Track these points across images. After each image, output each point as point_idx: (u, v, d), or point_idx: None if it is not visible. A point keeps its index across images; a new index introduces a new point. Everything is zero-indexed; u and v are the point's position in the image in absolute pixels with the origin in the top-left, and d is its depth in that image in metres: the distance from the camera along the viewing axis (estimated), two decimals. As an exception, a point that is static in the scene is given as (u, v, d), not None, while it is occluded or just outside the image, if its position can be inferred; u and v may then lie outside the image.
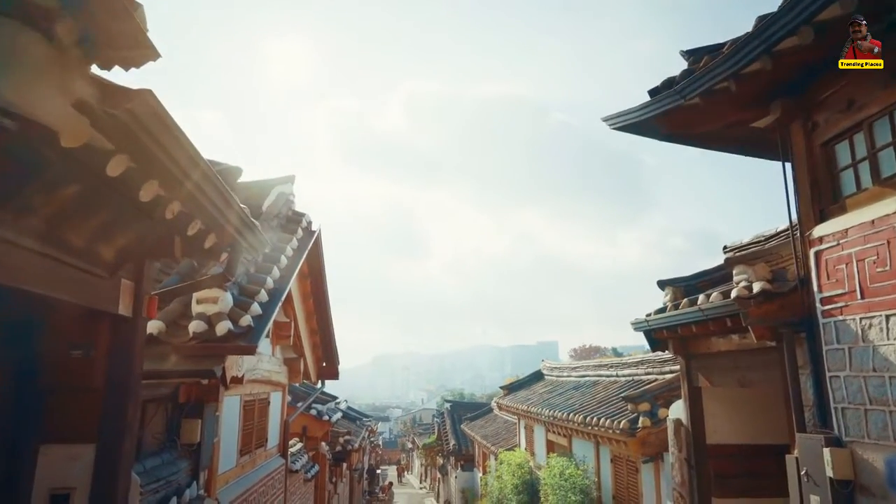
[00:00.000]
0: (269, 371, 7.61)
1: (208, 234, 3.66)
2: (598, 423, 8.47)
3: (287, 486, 8.92)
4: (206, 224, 3.46)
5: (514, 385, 17.43)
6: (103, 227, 3.12)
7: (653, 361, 10.17)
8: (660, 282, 6.55)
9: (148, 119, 2.36)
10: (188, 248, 3.80)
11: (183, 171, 2.80)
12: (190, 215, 3.28)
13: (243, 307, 5.19)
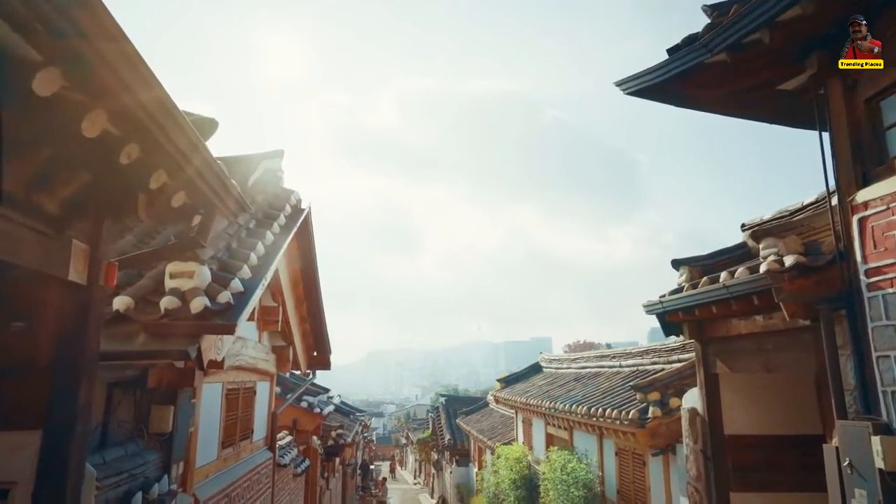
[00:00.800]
0: (254, 358, 7.13)
1: (176, 191, 3.18)
2: (604, 415, 8.04)
3: (275, 480, 8.45)
4: (172, 177, 2.98)
5: (511, 378, 17.00)
6: (41, 170, 2.63)
7: (659, 351, 9.74)
8: (674, 261, 6.10)
9: (85, 18, 1.88)
10: (153, 206, 3.31)
11: (137, 99, 2.32)
12: (151, 162, 2.80)
13: (222, 283, 4.70)
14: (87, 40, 1.95)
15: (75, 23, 1.87)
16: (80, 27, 1.89)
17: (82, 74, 2.08)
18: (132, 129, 2.51)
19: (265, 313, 7.83)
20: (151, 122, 2.44)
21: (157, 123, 2.47)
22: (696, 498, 5.90)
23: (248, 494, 6.94)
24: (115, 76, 2.13)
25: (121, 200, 3.20)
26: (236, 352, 6.29)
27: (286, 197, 7.13)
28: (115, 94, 2.22)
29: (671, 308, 5.80)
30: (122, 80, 2.16)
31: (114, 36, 2.02)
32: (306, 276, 8.55)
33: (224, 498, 5.98)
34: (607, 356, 12.11)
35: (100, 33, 1.96)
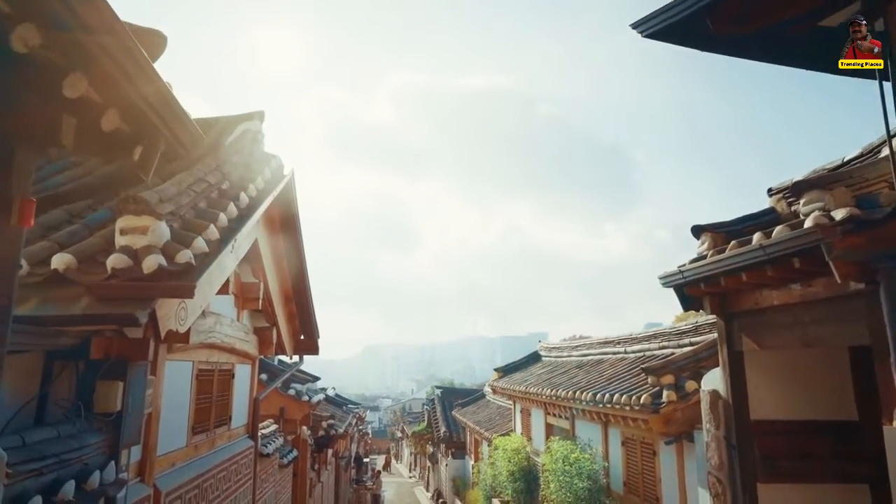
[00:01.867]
0: (231, 337, 6.51)
1: (106, 109, 2.55)
2: (611, 401, 7.45)
3: (257, 471, 7.84)
4: (98, 89, 2.35)
5: (509, 367, 16.42)
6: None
7: (667, 334, 9.16)
8: (695, 227, 5.49)
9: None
10: (79, 131, 2.68)
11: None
12: (62, 58, 2.17)
13: (183, 242, 4.07)
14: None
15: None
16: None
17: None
18: (36, 11, 1.88)
19: (245, 290, 7.21)
20: (70, 14, 1.81)
21: (75, 16, 1.83)
22: (718, 489, 5.32)
23: (224, 485, 6.33)
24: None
25: (39, 122, 2.57)
26: (208, 328, 5.67)
27: (265, 160, 6.49)
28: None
29: (693, 278, 5.19)
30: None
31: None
32: (290, 252, 7.92)
33: (194, 489, 5.37)
34: (611, 342, 11.53)
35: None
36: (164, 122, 2.77)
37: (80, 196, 3.76)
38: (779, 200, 5.56)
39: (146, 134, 2.86)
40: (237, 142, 6.46)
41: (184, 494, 5.06)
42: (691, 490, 6.50)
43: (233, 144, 6.34)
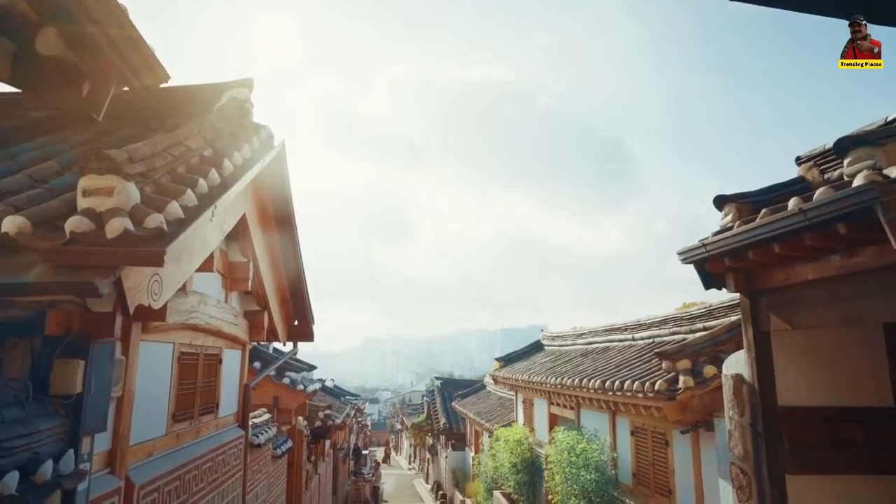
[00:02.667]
0: (218, 320, 6.09)
1: (40, 27, 2.11)
2: (622, 388, 7.04)
3: (248, 462, 7.44)
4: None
5: (511, 356, 16.02)
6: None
7: (679, 319, 8.74)
8: (718, 197, 5.04)
9: None
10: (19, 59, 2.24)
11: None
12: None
13: (155, 206, 3.63)
14: None
15: None
16: None
17: None
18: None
19: (233, 270, 6.78)
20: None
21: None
22: (741, 481, 4.91)
23: (210, 477, 5.93)
24: None
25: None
26: (191, 307, 5.25)
27: (254, 130, 6.04)
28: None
29: (717, 252, 4.75)
30: None
31: None
32: (283, 231, 7.48)
33: (175, 481, 4.96)
34: (617, 329, 11.11)
35: None
36: (118, 51, 2.33)
37: (22, 137, 3.31)
38: (809, 168, 5.12)
39: (95, 65, 2.42)
40: (223, 109, 6.01)
41: (162, 487, 4.65)
42: (709, 482, 6.10)
43: (218, 111, 5.90)
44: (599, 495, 8.10)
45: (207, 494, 5.84)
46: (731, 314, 7.16)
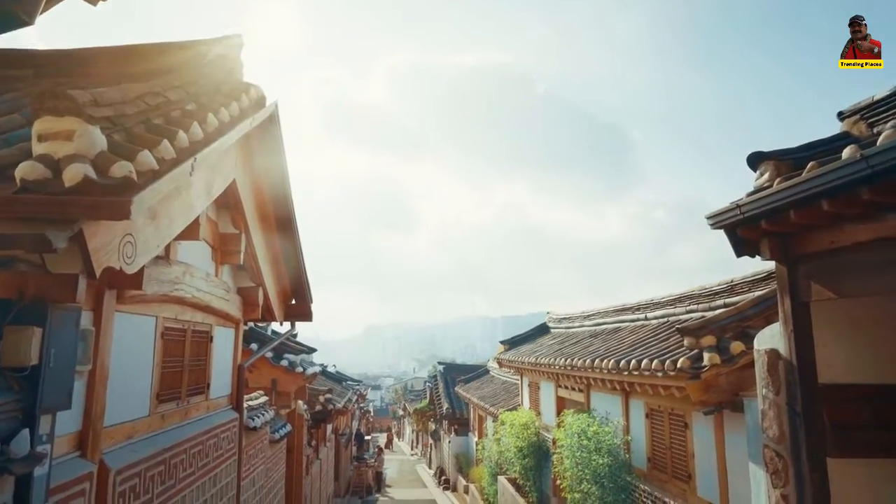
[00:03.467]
0: (207, 294, 5.66)
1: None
2: (638, 367, 6.63)
3: (243, 446, 7.05)
4: None
5: (516, 339, 15.63)
6: None
7: (697, 296, 8.30)
8: (753, 154, 4.57)
9: None
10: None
11: None
12: None
13: (124, 155, 3.18)
14: None
15: None
16: None
17: None
18: None
19: (224, 242, 6.35)
20: None
21: None
22: (777, 465, 4.50)
23: (200, 461, 5.54)
24: None
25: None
26: (175, 278, 4.81)
27: (243, 88, 5.56)
28: None
29: (753, 213, 4.30)
30: None
31: None
32: (277, 202, 7.03)
33: (159, 465, 4.56)
34: (629, 309, 10.68)
35: None
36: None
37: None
38: (855, 123, 4.64)
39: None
40: (210, 65, 5.54)
41: (143, 472, 4.25)
42: (734, 466, 5.70)
43: (205, 67, 5.42)
44: (612, 480, 7.72)
45: (197, 480, 5.45)
46: (755, 289, 6.73)
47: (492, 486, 16.07)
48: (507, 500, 13.71)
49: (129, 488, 4.02)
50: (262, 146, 6.26)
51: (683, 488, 6.67)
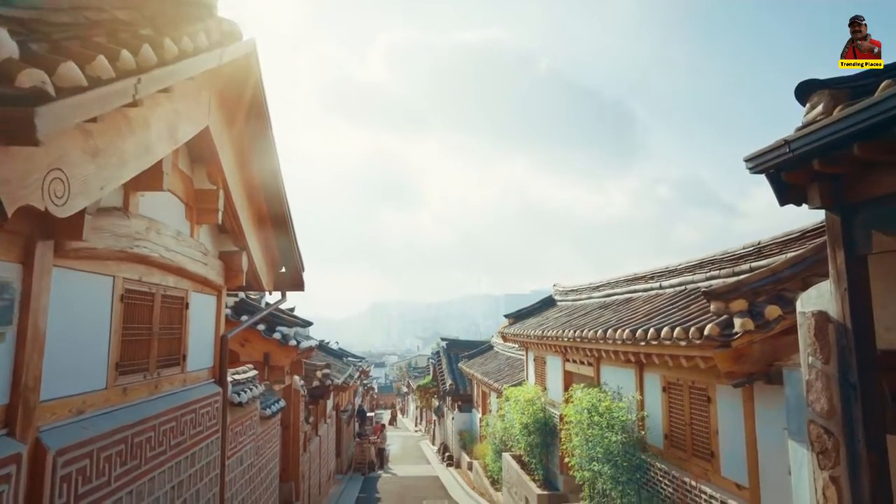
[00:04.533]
0: (179, 255, 5.06)
1: None
2: (657, 336, 6.03)
3: (227, 422, 6.53)
4: None
5: (521, 313, 15.07)
6: None
7: (718, 261, 7.67)
8: (803, 84, 3.90)
9: None
10: None
11: None
12: None
13: (43, 66, 2.55)
14: None
15: None
16: None
17: None
18: None
19: (199, 199, 5.74)
20: None
21: None
22: (825, 443, 3.92)
23: (173, 439, 5.00)
24: None
25: None
26: (135, 233, 4.21)
27: (216, 23, 4.88)
28: None
29: (806, 150, 3.65)
30: None
31: None
32: (261, 159, 6.39)
33: (118, 444, 4.02)
34: (641, 278, 10.07)
35: None
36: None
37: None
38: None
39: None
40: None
41: (97, 452, 3.70)
42: (767, 444, 5.14)
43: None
44: (626, 459, 7.19)
45: (170, 459, 4.92)
46: (788, 250, 6.09)
47: (496, 462, 15.67)
48: (511, 478, 13.29)
49: (77, 471, 3.47)
50: (242, 93, 5.61)
51: (705, 467, 6.13)
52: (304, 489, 12.42)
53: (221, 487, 6.37)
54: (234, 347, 9.84)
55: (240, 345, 9.83)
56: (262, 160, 6.46)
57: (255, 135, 6.12)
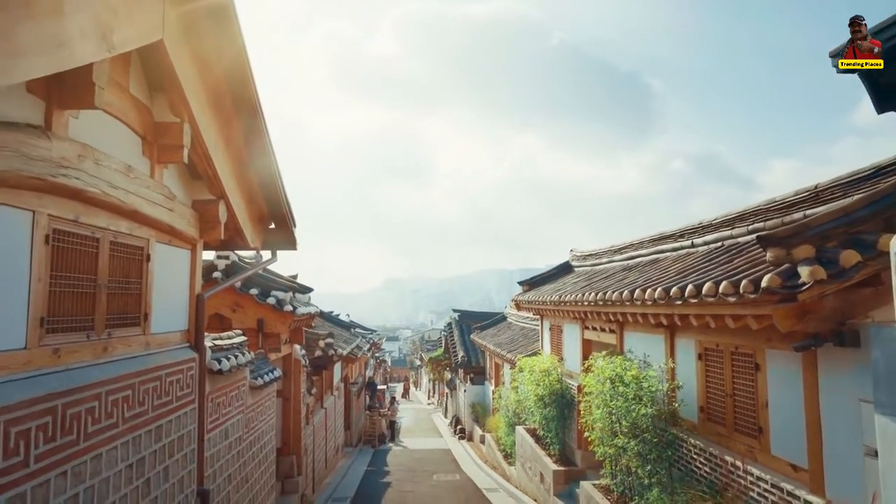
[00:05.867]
0: (130, 195, 4.25)
1: None
2: (699, 293, 5.15)
3: (205, 392, 5.81)
4: None
5: (535, 279, 14.21)
6: None
7: (763, 211, 6.70)
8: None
9: None
10: None
11: None
12: None
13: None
14: None
15: None
16: None
17: None
18: None
19: (160, 133, 4.91)
20: None
21: None
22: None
23: (129, 411, 4.27)
24: None
25: None
26: (60, 159, 3.40)
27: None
28: None
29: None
30: None
31: None
32: (235, 93, 5.52)
33: (44, 415, 3.27)
34: (669, 236, 9.13)
35: None
36: None
37: None
38: None
39: None
40: None
41: (5, 426, 2.94)
42: (834, 418, 4.28)
43: None
44: (656, 434, 6.38)
45: (124, 434, 4.19)
46: (853, 192, 5.14)
47: (509, 436, 15.01)
48: (525, 452, 12.61)
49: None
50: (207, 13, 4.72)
51: (751, 445, 5.30)
52: (306, 463, 11.83)
53: (200, 464, 5.68)
54: (225, 313, 9.14)
55: (231, 310, 9.12)
56: (240, 96, 5.60)
57: (228, 62, 5.24)
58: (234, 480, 6.85)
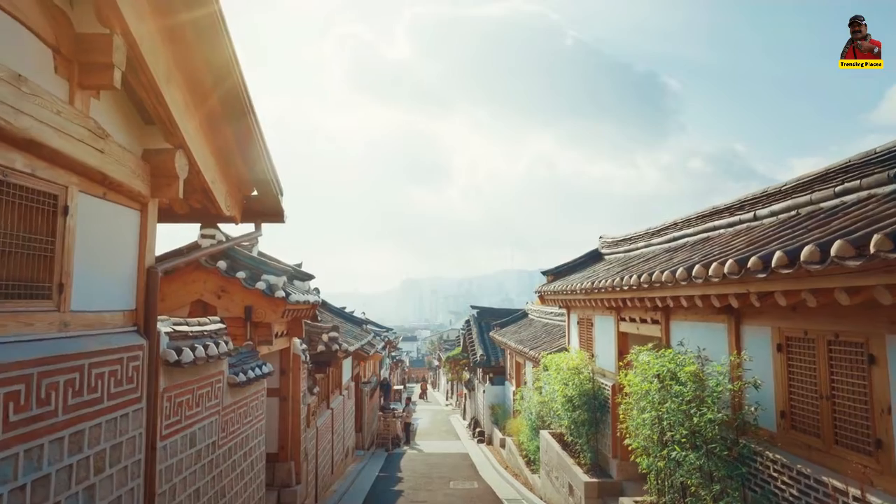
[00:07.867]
0: (34, 121, 3.12)
1: None
2: (798, 261, 3.85)
3: (158, 388, 4.66)
4: None
5: (561, 269, 12.89)
6: None
7: (857, 167, 5.33)
8: None
9: None
10: None
11: None
12: None
13: None
14: None
15: None
16: None
17: None
18: None
19: (83, 47, 3.76)
20: None
21: None
22: None
23: (15, 413, 3.12)
24: None
25: None
26: None
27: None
28: None
29: None
30: None
31: None
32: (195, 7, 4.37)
33: None
34: (723, 210, 7.76)
35: None
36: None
37: None
38: None
39: None
40: None
41: None
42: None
43: None
44: (724, 446, 5.08)
45: (11, 444, 3.05)
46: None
47: (532, 441, 13.73)
48: (551, 459, 11.32)
49: None
50: None
51: (864, 463, 3.99)
52: (307, 469, 10.69)
53: (149, 479, 4.53)
54: (209, 299, 8.04)
55: (216, 296, 8.01)
56: (200, 14, 4.44)
57: None
58: (205, 496, 5.70)
